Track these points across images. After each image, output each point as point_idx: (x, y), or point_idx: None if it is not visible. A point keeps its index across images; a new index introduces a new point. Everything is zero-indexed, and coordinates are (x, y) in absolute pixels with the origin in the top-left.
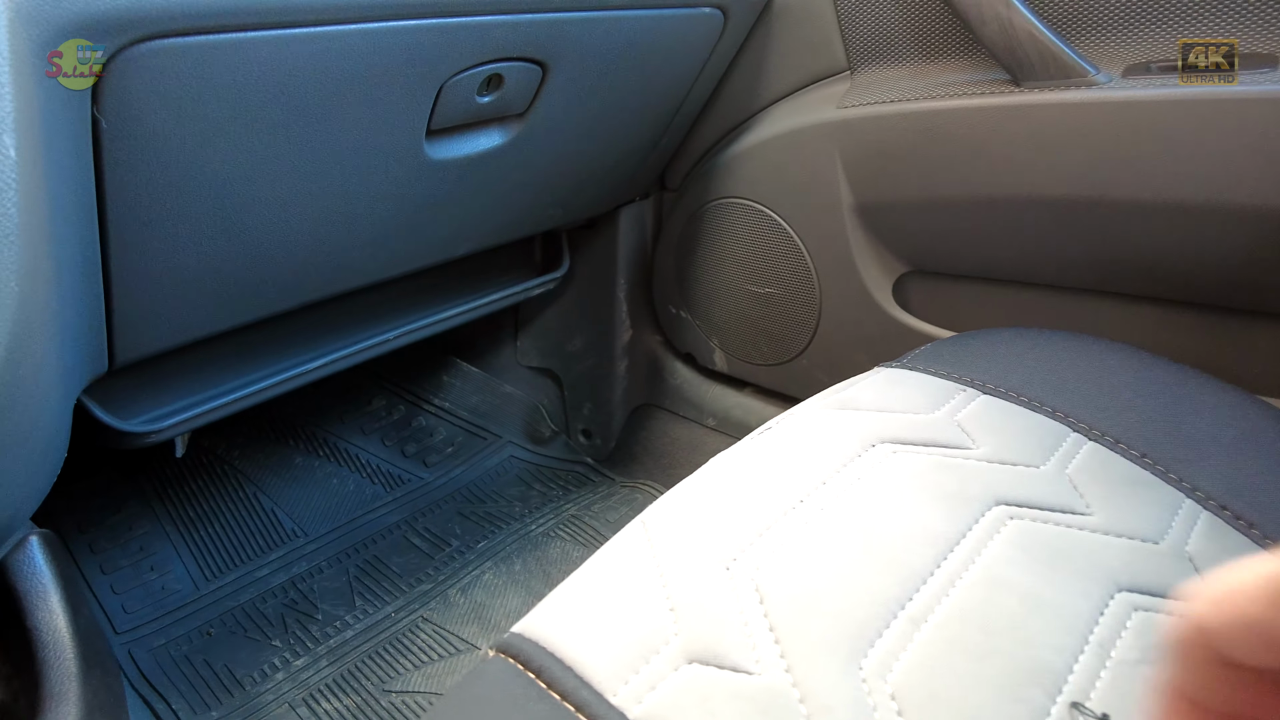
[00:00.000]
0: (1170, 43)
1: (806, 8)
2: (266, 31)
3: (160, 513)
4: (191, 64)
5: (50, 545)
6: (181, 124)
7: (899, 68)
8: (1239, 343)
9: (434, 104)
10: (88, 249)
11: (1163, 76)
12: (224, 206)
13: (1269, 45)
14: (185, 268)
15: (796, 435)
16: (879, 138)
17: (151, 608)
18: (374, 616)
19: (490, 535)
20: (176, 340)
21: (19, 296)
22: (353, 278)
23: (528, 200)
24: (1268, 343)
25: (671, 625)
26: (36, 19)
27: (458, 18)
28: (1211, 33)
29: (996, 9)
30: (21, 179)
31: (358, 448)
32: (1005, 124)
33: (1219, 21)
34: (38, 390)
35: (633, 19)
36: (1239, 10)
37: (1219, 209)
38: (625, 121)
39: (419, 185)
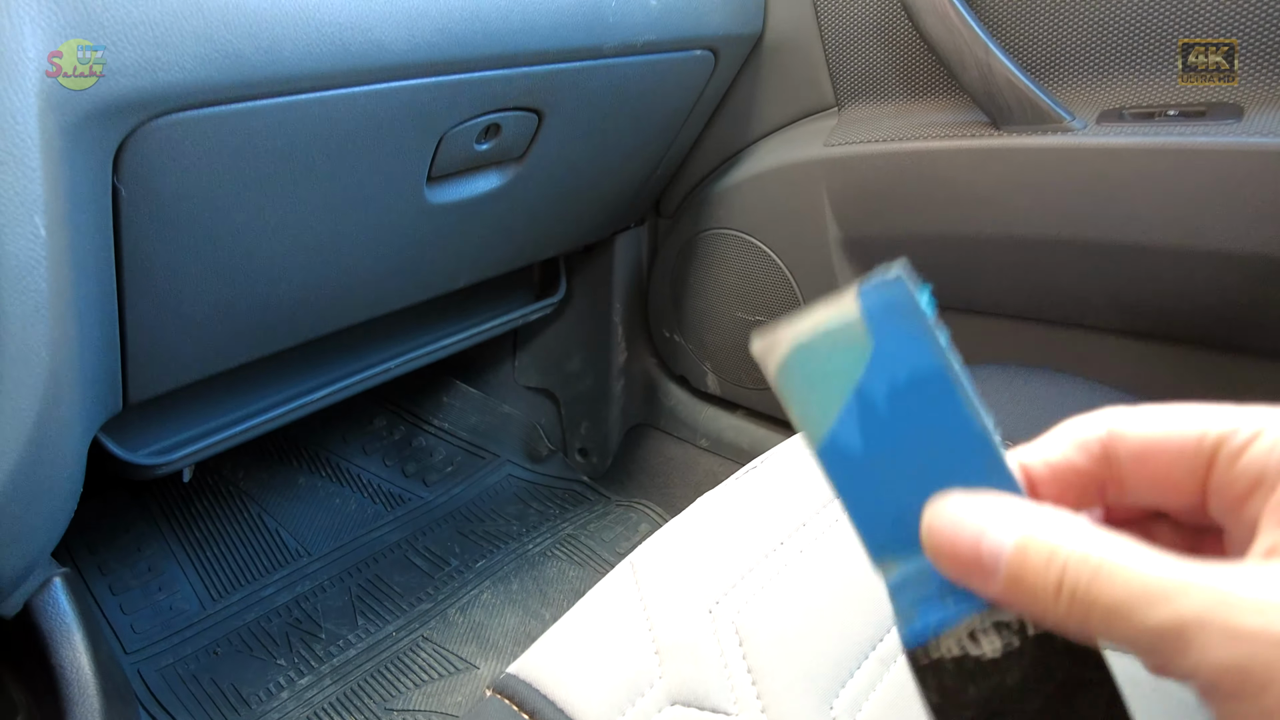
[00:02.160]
0: (1142, 88)
1: (796, 46)
2: (274, 99)
3: (168, 533)
4: (204, 133)
5: (71, 584)
6: (194, 186)
7: (885, 105)
8: (1213, 378)
9: (434, 153)
10: (106, 303)
11: (1135, 124)
12: (233, 257)
13: (1235, 95)
14: (196, 314)
15: (779, 476)
16: (864, 175)
17: (160, 627)
18: (376, 635)
19: (489, 554)
20: (187, 379)
21: (49, 365)
22: (355, 313)
23: (525, 234)
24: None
25: (656, 668)
26: (63, 105)
27: (457, 75)
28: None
29: (976, 54)
30: (50, 255)
31: (359, 467)
32: (985, 166)
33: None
34: (63, 444)
35: (626, 64)
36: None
37: (1188, 253)
38: (620, 159)
39: (419, 227)
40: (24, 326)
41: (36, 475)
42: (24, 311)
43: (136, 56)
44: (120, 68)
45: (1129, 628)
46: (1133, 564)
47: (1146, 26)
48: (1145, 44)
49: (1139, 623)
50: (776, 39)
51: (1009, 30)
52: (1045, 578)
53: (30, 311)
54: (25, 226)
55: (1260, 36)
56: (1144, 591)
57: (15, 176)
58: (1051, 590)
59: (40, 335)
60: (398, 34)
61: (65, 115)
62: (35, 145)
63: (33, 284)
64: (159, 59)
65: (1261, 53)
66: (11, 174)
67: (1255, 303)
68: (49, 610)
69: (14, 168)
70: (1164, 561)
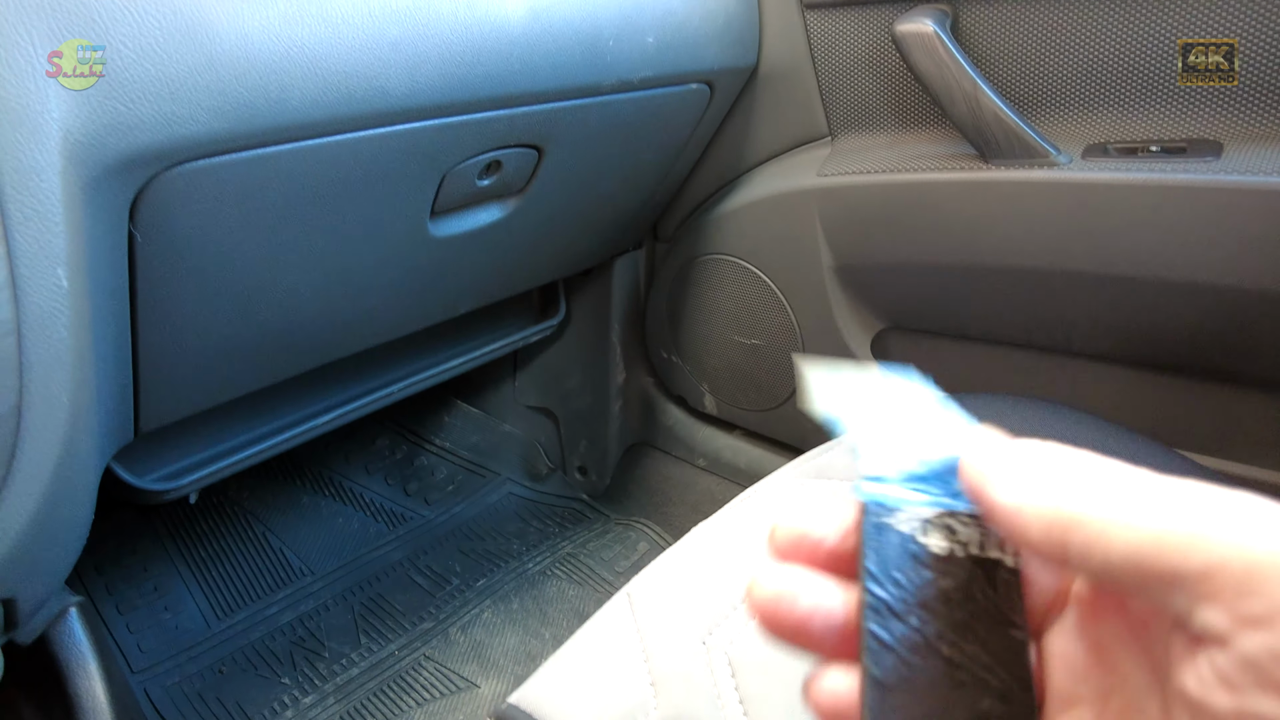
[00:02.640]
0: (1126, 123)
1: (790, 78)
2: (282, 146)
3: (174, 553)
4: (216, 179)
5: (86, 614)
6: (206, 229)
7: (877, 135)
8: (1198, 405)
9: (437, 190)
10: (120, 342)
11: (1119, 160)
12: (243, 294)
13: (1214, 132)
14: (206, 347)
15: (770, 505)
16: (856, 205)
17: (166, 646)
18: (378, 654)
19: (489, 573)
20: (196, 408)
21: (70, 409)
22: (360, 341)
23: (525, 261)
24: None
25: (652, 699)
26: (85, 160)
27: (459, 116)
28: (1162, 116)
29: (965, 89)
30: (71, 304)
31: (361, 486)
32: (973, 198)
33: (1169, 107)
34: (80, 479)
35: (624, 100)
36: (1188, 97)
37: (1170, 285)
38: (617, 188)
39: (423, 259)
40: (46, 374)
41: (57, 513)
42: (46, 360)
43: (154, 111)
44: (138, 123)
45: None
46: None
47: (1129, 64)
48: (1128, 80)
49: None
50: (771, 71)
51: (996, 66)
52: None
53: (52, 360)
54: (48, 279)
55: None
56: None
57: (39, 231)
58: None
59: (62, 381)
60: (400, 80)
61: (86, 170)
62: (58, 200)
63: (55, 333)
64: (175, 113)
65: (1240, 91)
66: (35, 230)
67: (1236, 333)
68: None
69: (38, 223)
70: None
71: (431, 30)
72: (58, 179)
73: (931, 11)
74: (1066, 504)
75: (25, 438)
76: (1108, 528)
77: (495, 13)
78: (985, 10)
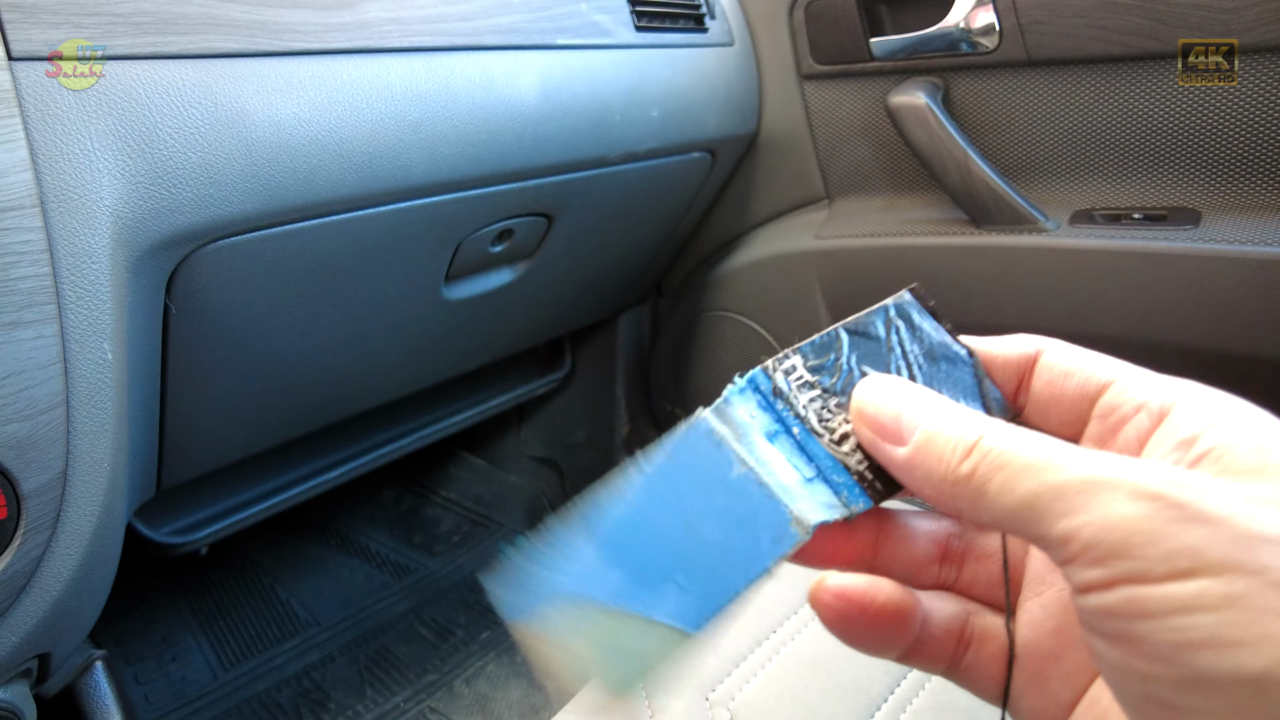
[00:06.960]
0: (1110, 190)
1: (788, 144)
2: (308, 222)
3: (181, 604)
4: (245, 254)
5: (109, 667)
6: (235, 299)
7: (872, 199)
8: None
9: (452, 258)
10: (150, 406)
11: (1104, 226)
12: (266, 358)
13: (1194, 200)
14: (229, 408)
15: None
16: (853, 267)
17: (172, 698)
18: (383, 707)
19: (493, 626)
20: (214, 465)
21: (110, 475)
22: (373, 399)
23: (534, 319)
24: None
25: None
26: (131, 241)
27: (475, 190)
28: (1144, 184)
29: (957, 158)
30: (114, 377)
31: (367, 537)
32: (965, 262)
33: (1151, 176)
34: (114, 539)
35: (630, 170)
36: (1168, 167)
37: (1155, 346)
38: (623, 250)
39: (436, 320)
40: (91, 443)
41: (93, 572)
42: (91, 430)
43: (194, 194)
44: (180, 205)
45: (1016, 493)
46: (1029, 442)
47: (1113, 134)
48: (1112, 150)
49: (1028, 486)
50: (770, 138)
51: (987, 136)
52: (952, 442)
53: (97, 429)
54: (95, 354)
55: (1215, 148)
56: (1038, 459)
57: (90, 309)
58: (957, 452)
59: (104, 449)
60: (420, 159)
61: (132, 251)
62: (106, 280)
63: (101, 404)
64: (212, 195)
65: (1216, 163)
66: (87, 307)
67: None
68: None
69: (90, 301)
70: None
71: (450, 112)
72: (107, 260)
73: (924, 84)
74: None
75: (70, 503)
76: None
77: (510, 94)
78: (975, 83)
